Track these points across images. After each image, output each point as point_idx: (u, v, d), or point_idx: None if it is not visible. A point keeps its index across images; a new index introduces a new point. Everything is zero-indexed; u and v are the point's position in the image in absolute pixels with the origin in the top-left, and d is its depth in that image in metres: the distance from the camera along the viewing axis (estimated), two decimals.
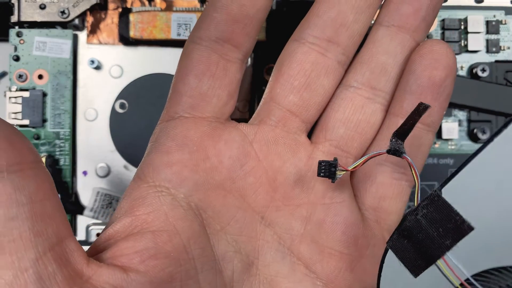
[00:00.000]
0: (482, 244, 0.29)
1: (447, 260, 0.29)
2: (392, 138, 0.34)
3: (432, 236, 0.29)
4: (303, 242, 0.38)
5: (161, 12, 0.53)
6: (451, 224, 0.28)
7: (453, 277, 0.29)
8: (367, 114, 0.39)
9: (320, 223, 0.38)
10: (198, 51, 0.37)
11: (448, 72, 0.37)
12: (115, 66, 0.54)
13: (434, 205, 0.29)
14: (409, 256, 0.30)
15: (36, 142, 0.53)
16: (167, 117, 0.38)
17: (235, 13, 0.36)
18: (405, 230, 0.30)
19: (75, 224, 0.54)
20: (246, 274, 0.37)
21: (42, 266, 0.27)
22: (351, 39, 0.39)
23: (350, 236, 0.38)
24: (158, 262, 0.32)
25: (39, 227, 0.27)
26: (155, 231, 0.34)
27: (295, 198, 0.38)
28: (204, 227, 0.36)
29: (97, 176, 0.54)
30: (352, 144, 0.39)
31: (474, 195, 0.29)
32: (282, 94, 0.39)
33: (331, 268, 0.38)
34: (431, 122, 0.39)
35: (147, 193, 0.35)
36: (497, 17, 0.55)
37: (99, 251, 0.33)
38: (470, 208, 0.28)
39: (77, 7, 0.52)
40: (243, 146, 0.38)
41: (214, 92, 0.37)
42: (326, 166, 0.35)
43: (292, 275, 0.38)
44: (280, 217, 0.38)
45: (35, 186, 0.28)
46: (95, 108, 0.54)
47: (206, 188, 0.36)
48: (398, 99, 0.39)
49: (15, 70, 0.52)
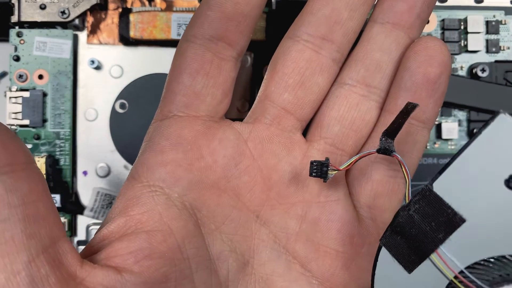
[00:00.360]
0: (473, 236, 0.29)
1: (440, 253, 0.29)
2: (382, 137, 0.34)
3: (425, 231, 0.29)
4: (299, 240, 0.38)
5: (161, 12, 0.52)
6: (443, 217, 0.29)
7: (447, 270, 0.29)
8: (362, 112, 0.39)
9: (315, 222, 0.38)
10: (192, 50, 0.36)
11: (443, 69, 0.37)
12: (115, 66, 0.54)
13: (426, 199, 0.29)
14: (402, 252, 0.30)
15: (36, 142, 0.52)
16: (161, 116, 0.37)
17: (229, 11, 0.36)
18: (398, 226, 0.30)
19: (75, 224, 0.53)
20: (242, 273, 0.37)
21: (34, 269, 0.26)
22: (345, 37, 0.38)
23: (345, 235, 0.38)
24: (153, 262, 0.32)
25: (32, 229, 0.27)
26: (149, 231, 0.33)
27: (290, 197, 0.38)
28: (198, 227, 0.35)
29: (97, 176, 0.54)
30: (347, 142, 0.39)
31: (463, 188, 0.29)
32: (276, 92, 0.38)
33: (326, 267, 0.38)
34: (426, 119, 0.38)
35: (141, 193, 0.35)
36: (497, 17, 0.54)
37: (93, 251, 0.32)
38: (461, 201, 0.29)
39: (77, 7, 0.52)
40: (238, 144, 0.37)
41: (208, 90, 0.37)
42: (318, 166, 0.35)
43: (287, 274, 0.37)
44: (275, 215, 0.38)
45: (27, 187, 0.27)
46: (95, 108, 0.53)
47: (200, 187, 0.36)
48: (392, 96, 0.38)
49: (15, 70, 0.52)
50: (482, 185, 0.28)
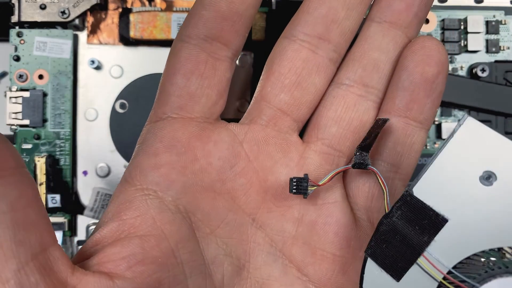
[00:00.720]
0: (457, 234, 0.30)
1: (427, 256, 0.30)
2: (357, 152, 0.34)
3: (410, 235, 0.30)
4: (295, 244, 0.37)
5: (161, 12, 0.52)
6: (426, 219, 0.30)
7: (435, 272, 0.30)
8: (360, 112, 0.37)
9: (312, 225, 0.37)
10: (186, 50, 0.35)
11: (441, 68, 0.36)
12: (115, 66, 0.53)
13: (407, 205, 0.30)
14: (389, 261, 0.31)
15: (36, 142, 0.52)
16: (154, 118, 0.36)
17: (224, 10, 0.35)
18: (382, 234, 0.31)
19: (75, 224, 0.53)
20: (237, 278, 0.35)
21: (24, 277, 0.26)
22: (342, 36, 0.37)
23: (342, 238, 0.36)
24: (146, 267, 0.31)
25: (21, 236, 0.26)
26: (142, 235, 0.32)
27: (287, 199, 0.37)
28: (193, 231, 0.34)
29: (97, 176, 0.53)
30: (344, 142, 0.37)
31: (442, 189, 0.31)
32: (272, 93, 0.37)
33: (323, 271, 0.36)
34: (423, 119, 0.37)
35: (134, 196, 0.34)
36: (496, 17, 0.54)
37: (86, 257, 0.31)
38: (441, 202, 0.30)
39: (78, 7, 0.52)
40: (233, 146, 0.36)
41: (203, 91, 0.35)
42: (298, 182, 0.35)
43: (284, 278, 0.36)
44: (271, 218, 0.37)
45: (17, 193, 0.26)
46: (95, 108, 0.53)
47: (195, 190, 0.35)
48: (390, 96, 0.37)
49: (15, 70, 0.52)
50: (459, 184, 0.31)
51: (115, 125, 0.53)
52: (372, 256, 0.31)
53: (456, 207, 0.30)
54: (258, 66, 0.52)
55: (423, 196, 0.30)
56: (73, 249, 0.52)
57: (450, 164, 0.30)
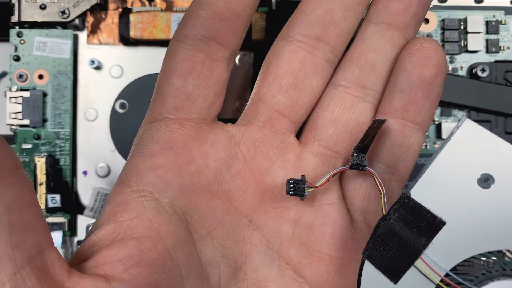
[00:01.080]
0: (454, 237, 0.30)
1: (424, 258, 0.30)
2: (354, 153, 0.34)
3: (407, 238, 0.29)
4: (292, 245, 0.36)
5: (161, 12, 0.52)
6: (424, 222, 0.29)
7: (433, 275, 0.30)
8: (357, 113, 0.37)
9: (309, 226, 0.36)
10: (183, 50, 0.35)
11: (439, 69, 0.35)
12: (115, 66, 0.53)
13: (405, 207, 0.30)
14: (387, 263, 0.30)
15: (36, 142, 0.52)
16: (151, 118, 0.35)
17: (221, 10, 0.34)
18: (379, 237, 0.30)
19: (75, 224, 0.53)
20: (234, 280, 0.35)
21: (20, 281, 0.25)
22: (339, 37, 0.36)
23: (339, 239, 0.36)
24: (142, 270, 0.30)
25: (17, 238, 0.25)
26: (139, 237, 0.31)
27: (284, 201, 0.36)
28: (189, 232, 0.34)
29: (97, 176, 0.53)
30: (341, 144, 0.37)
31: (440, 192, 0.31)
32: (269, 94, 0.36)
33: (320, 273, 0.36)
34: (421, 120, 0.36)
35: (130, 198, 0.33)
36: (496, 17, 0.54)
37: (82, 259, 0.31)
38: (439, 205, 0.30)
39: (78, 7, 0.51)
40: (230, 147, 0.36)
41: (199, 92, 0.35)
42: (295, 183, 0.34)
43: (280, 280, 0.36)
44: (268, 220, 0.36)
45: (13, 195, 0.26)
46: (95, 108, 0.53)
47: (191, 192, 0.34)
48: (387, 97, 0.37)
49: (15, 70, 0.52)
50: (457, 187, 0.31)
51: (115, 125, 0.53)
52: (369, 258, 0.30)
53: (453, 209, 0.30)
54: (258, 66, 0.52)
55: (421, 198, 0.29)
56: (73, 249, 0.52)
57: (448, 167, 0.30)
